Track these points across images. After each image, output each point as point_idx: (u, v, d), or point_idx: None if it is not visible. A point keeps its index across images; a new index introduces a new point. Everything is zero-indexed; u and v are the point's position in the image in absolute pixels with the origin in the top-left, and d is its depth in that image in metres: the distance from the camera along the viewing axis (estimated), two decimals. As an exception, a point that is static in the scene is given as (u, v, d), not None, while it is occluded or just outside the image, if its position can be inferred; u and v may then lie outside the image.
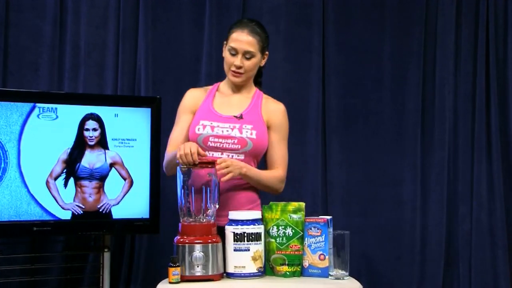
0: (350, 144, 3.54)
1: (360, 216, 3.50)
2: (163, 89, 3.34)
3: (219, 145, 2.41)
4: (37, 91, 3.09)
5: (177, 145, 2.38)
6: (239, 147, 2.41)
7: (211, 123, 2.44)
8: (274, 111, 2.55)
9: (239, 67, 2.46)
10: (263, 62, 2.56)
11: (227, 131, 2.43)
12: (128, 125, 2.98)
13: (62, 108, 2.89)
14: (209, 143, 2.42)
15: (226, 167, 2.27)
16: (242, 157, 2.42)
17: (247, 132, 2.43)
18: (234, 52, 2.45)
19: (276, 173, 2.50)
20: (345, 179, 3.52)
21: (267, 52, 2.56)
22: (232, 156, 2.41)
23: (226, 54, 2.49)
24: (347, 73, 3.55)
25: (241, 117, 2.47)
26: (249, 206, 2.45)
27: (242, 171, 2.34)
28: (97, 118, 2.94)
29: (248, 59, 2.46)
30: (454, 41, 3.58)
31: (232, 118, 2.47)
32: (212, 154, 2.41)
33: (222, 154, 2.41)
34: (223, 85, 2.60)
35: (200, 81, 3.40)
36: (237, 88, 2.55)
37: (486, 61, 3.55)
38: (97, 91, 3.29)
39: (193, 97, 2.57)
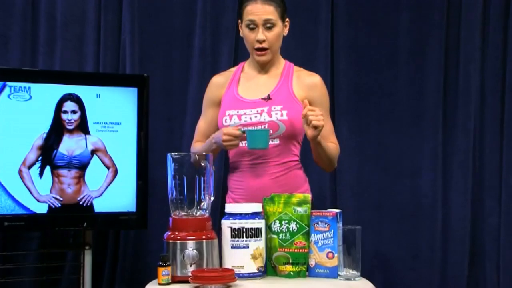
0: (362, 128, 3.53)
1: (373, 209, 3.51)
2: (151, 66, 3.35)
3: None
4: (7, 67, 3.08)
5: (204, 138, 2.57)
6: (271, 132, 2.46)
7: (237, 112, 2.50)
8: (311, 85, 2.56)
9: (263, 41, 2.48)
10: (285, 31, 2.57)
11: (256, 117, 2.48)
12: (112, 107, 2.98)
13: (37, 88, 2.89)
14: None
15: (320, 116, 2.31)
16: (277, 141, 2.48)
17: (276, 114, 2.47)
18: (253, 26, 2.47)
19: (334, 144, 2.57)
20: (356, 168, 3.52)
21: (287, 19, 2.56)
22: None
23: (245, 32, 2.51)
24: (358, 48, 3.54)
25: (268, 98, 2.50)
26: (303, 187, 2.54)
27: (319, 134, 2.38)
28: (76, 99, 2.93)
29: (269, 29, 2.48)
30: (482, 11, 3.54)
31: (259, 101, 2.50)
32: (245, 144, 2.46)
33: None
34: (248, 65, 2.62)
35: (193, 57, 3.40)
36: (264, 66, 2.57)
37: (518, 34, 3.54)
38: (76, 68, 3.28)
39: (216, 87, 2.61)
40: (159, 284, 2.06)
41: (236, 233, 2.12)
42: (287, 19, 2.56)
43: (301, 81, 2.56)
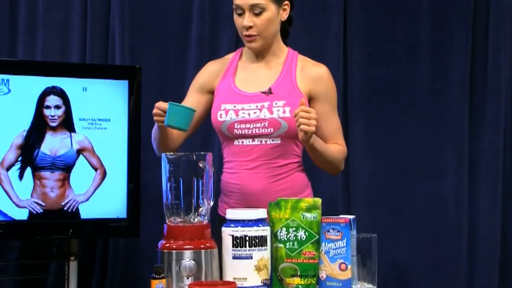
0: (377, 126, 3.53)
1: (390, 215, 3.51)
2: (143, 57, 3.38)
3: (247, 131, 2.49)
4: (-16, 58, 3.10)
5: None
6: (271, 130, 2.47)
7: (234, 106, 2.50)
8: (317, 77, 2.56)
9: (249, 27, 2.48)
10: (284, 15, 2.55)
11: (255, 113, 2.48)
12: (100, 102, 2.99)
13: (16, 80, 2.89)
14: (235, 130, 2.50)
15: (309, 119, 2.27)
16: (278, 141, 2.49)
17: (278, 110, 2.47)
18: (241, 11, 2.49)
19: (338, 146, 2.56)
20: (371, 170, 3.52)
21: (286, 2, 2.55)
22: (266, 141, 2.48)
23: (234, 17, 2.54)
24: (374, 36, 3.54)
25: (270, 92, 2.50)
26: (304, 192, 2.55)
27: (313, 136, 2.36)
28: (60, 93, 2.93)
29: (258, 14, 2.47)
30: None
31: (259, 95, 2.51)
32: (242, 142, 2.48)
33: (253, 140, 2.49)
34: (246, 53, 2.63)
35: (190, 48, 3.41)
36: (262, 54, 2.58)
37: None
38: (60, 58, 3.30)
39: (209, 73, 2.64)
40: (152, 298, 2.04)
41: (238, 242, 2.10)
42: (285, 2, 2.54)
43: (305, 73, 2.56)
